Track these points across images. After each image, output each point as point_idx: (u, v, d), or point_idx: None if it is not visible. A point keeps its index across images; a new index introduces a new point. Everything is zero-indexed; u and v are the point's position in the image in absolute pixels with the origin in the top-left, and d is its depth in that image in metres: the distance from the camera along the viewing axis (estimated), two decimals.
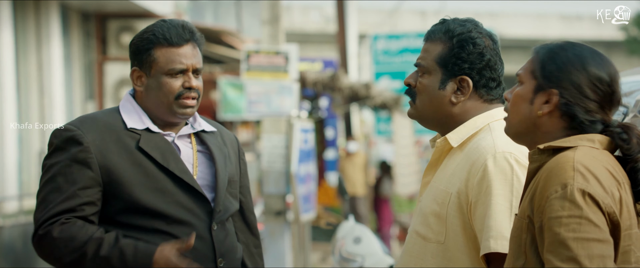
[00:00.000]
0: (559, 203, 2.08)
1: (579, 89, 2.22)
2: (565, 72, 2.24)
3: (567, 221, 2.06)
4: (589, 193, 2.09)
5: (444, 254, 2.53)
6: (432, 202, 2.58)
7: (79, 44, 13.52)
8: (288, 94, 8.72)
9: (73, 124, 2.79)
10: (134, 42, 2.88)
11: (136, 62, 2.88)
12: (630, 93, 3.04)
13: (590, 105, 2.22)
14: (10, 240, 9.45)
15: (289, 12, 28.28)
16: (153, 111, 2.87)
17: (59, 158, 2.74)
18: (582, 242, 2.05)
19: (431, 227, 2.56)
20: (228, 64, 16.00)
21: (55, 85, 12.43)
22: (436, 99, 2.64)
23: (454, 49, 2.62)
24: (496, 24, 27.92)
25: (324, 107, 17.50)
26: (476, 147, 2.55)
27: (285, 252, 8.72)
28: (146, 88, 2.87)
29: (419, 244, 2.59)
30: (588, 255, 2.04)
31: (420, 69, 2.67)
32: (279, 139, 8.77)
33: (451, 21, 2.68)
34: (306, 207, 8.92)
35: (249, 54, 8.74)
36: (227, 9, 20.02)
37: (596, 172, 2.13)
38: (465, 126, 2.62)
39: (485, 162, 2.49)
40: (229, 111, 12.57)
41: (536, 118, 2.26)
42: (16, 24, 11.75)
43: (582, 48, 2.29)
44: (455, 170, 2.56)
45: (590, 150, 2.19)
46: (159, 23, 2.89)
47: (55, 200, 2.71)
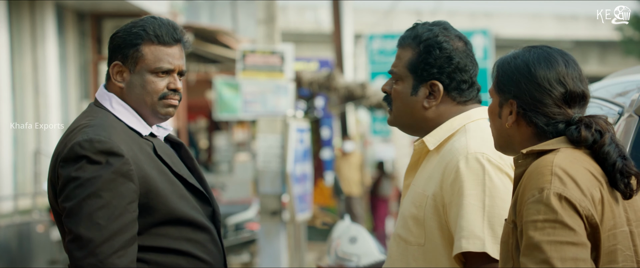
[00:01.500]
0: (535, 207, 2.10)
1: (531, 96, 2.26)
2: (516, 82, 2.28)
3: (542, 225, 2.08)
4: (565, 197, 2.10)
5: (425, 256, 2.56)
6: (410, 205, 2.61)
7: (74, 44, 13.51)
8: (284, 93, 8.71)
9: (99, 134, 2.60)
10: (120, 35, 2.75)
11: (119, 56, 2.74)
12: (626, 93, 3.05)
13: (547, 109, 2.25)
14: (5, 240, 9.44)
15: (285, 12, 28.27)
16: (137, 109, 2.75)
17: (99, 172, 2.54)
18: (556, 245, 2.06)
19: (411, 230, 2.58)
20: (223, 63, 15.99)
21: (50, 84, 12.41)
22: (410, 105, 2.68)
23: (422, 54, 2.65)
24: (491, 24, 27.93)
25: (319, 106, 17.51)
26: (450, 149, 2.57)
27: (281, 251, 8.72)
28: (128, 84, 2.74)
29: (401, 247, 2.61)
30: (561, 257, 2.05)
31: (394, 76, 2.71)
32: (274, 139, 8.77)
33: (420, 26, 2.70)
34: (302, 207, 8.92)
35: (244, 53, 8.74)
36: (223, 9, 20.01)
37: (575, 175, 2.14)
38: (442, 128, 2.65)
39: (458, 164, 2.51)
40: (224, 111, 12.56)
41: (507, 130, 2.32)
42: (11, 24, 11.74)
43: (533, 52, 2.31)
44: (432, 172, 2.59)
45: (572, 152, 2.21)
46: (148, 19, 2.77)
47: (105, 217, 2.53)
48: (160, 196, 2.64)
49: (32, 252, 9.78)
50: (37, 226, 9.89)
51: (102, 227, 2.52)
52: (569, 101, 2.26)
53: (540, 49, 2.32)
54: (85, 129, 2.62)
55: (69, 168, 2.56)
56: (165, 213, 2.65)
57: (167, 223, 2.66)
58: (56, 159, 2.63)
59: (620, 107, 2.96)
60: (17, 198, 10.67)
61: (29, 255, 9.73)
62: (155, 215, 2.64)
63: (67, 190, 2.55)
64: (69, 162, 2.56)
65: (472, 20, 31.51)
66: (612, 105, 3.05)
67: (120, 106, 2.74)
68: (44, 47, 12.34)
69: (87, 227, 2.51)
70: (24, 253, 9.67)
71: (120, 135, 2.63)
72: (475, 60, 2.70)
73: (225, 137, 20.86)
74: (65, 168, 2.57)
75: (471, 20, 31.72)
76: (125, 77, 2.75)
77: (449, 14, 32.46)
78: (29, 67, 12.21)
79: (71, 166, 2.56)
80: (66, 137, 2.66)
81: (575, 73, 2.28)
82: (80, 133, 2.61)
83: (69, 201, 2.54)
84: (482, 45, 15.56)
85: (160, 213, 2.64)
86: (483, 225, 2.43)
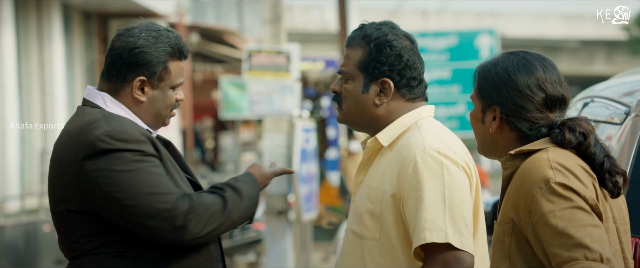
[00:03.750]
0: (547, 199, 2.13)
1: (513, 102, 2.31)
2: (497, 88, 2.34)
3: (561, 213, 2.11)
4: (571, 187, 2.14)
5: (380, 250, 2.61)
6: (365, 200, 2.66)
7: (81, 44, 13.53)
8: (289, 93, 8.72)
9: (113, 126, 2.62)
10: (147, 51, 2.73)
11: (146, 73, 2.73)
12: (632, 92, 3.05)
13: (529, 114, 2.30)
14: (12, 240, 9.47)
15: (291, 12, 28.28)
16: (147, 121, 2.78)
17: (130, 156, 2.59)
18: (582, 228, 2.09)
19: (366, 224, 2.64)
20: (229, 63, 16.01)
21: (56, 84, 12.44)
22: (361, 103, 2.73)
23: (373, 53, 2.72)
24: (498, 24, 27.89)
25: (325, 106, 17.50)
26: (406, 145, 2.63)
27: (287, 251, 8.72)
28: (150, 99, 2.76)
29: (355, 243, 2.67)
30: (591, 239, 2.08)
31: (344, 76, 2.76)
32: (280, 139, 8.77)
33: (368, 26, 2.77)
34: (308, 207, 8.92)
35: (250, 53, 8.75)
36: (229, 9, 20.03)
37: (572, 168, 2.19)
38: (394, 125, 2.71)
39: (415, 158, 2.57)
40: (230, 110, 12.57)
41: (491, 135, 2.37)
42: (18, 24, 11.76)
43: (512, 58, 2.36)
44: (387, 168, 2.65)
45: (561, 151, 2.25)
46: (165, 32, 2.78)
47: (168, 186, 2.59)
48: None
49: (39, 251, 9.80)
50: (43, 226, 9.91)
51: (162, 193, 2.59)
52: (550, 106, 2.31)
53: (518, 56, 2.36)
54: (96, 124, 2.64)
55: (100, 163, 2.59)
56: None
57: None
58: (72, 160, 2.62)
59: (626, 107, 2.95)
60: (24, 198, 10.70)
61: (35, 254, 9.75)
62: None
63: (109, 182, 2.58)
64: (96, 157, 2.59)
65: (478, 20, 31.47)
66: (619, 104, 3.05)
67: (115, 105, 2.75)
68: (51, 47, 12.37)
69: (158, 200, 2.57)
70: (31, 253, 9.70)
71: (131, 125, 2.68)
72: (421, 58, 2.78)
73: (231, 136, 20.87)
74: (95, 164, 2.59)
75: (477, 19, 31.67)
76: (147, 92, 2.76)
77: (455, 13, 32.44)
78: (36, 67, 12.23)
79: (101, 160, 2.59)
80: (72, 137, 2.66)
81: (553, 77, 2.33)
82: (93, 128, 2.63)
83: (117, 190, 2.58)
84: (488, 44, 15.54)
85: None
86: (445, 217, 2.48)
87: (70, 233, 2.69)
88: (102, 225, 2.65)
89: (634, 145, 2.75)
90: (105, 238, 2.66)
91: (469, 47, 14.92)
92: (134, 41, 2.75)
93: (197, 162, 18.69)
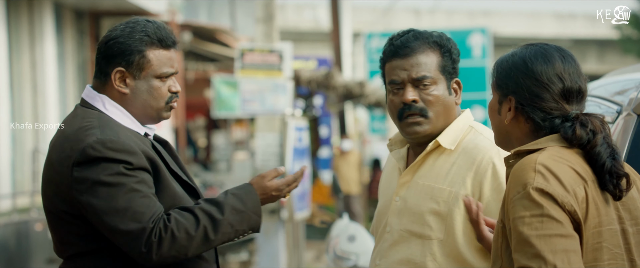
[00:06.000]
0: (521, 203, 2.12)
1: (529, 91, 2.28)
2: (514, 78, 2.31)
3: (529, 220, 2.10)
4: (547, 192, 2.12)
5: (443, 250, 2.63)
6: (428, 200, 2.66)
7: (73, 43, 13.50)
8: (282, 92, 8.71)
9: (107, 134, 2.61)
10: (121, 41, 2.71)
11: (123, 63, 2.70)
12: (624, 91, 3.05)
13: (544, 103, 2.27)
14: (4, 239, 9.44)
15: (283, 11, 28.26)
16: (138, 114, 2.75)
17: (119, 169, 2.57)
18: (545, 238, 2.08)
19: (429, 225, 2.65)
20: (222, 62, 16.00)
21: (48, 83, 12.41)
22: (449, 106, 2.76)
23: (452, 55, 2.76)
24: (490, 23, 27.92)
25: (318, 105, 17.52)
26: (474, 147, 2.67)
27: (279, 250, 8.72)
28: (133, 91, 2.72)
29: (414, 243, 2.67)
30: (551, 250, 2.07)
31: (428, 81, 2.72)
32: (273, 137, 8.77)
33: (423, 32, 2.79)
34: (300, 206, 8.92)
35: (243, 52, 8.74)
36: (221, 7, 20.00)
37: (557, 172, 2.15)
38: (452, 128, 2.73)
39: (492, 160, 2.62)
40: (222, 109, 12.55)
41: (506, 126, 2.35)
42: (9, 23, 11.73)
43: (530, 49, 2.34)
44: (453, 170, 2.66)
45: (559, 150, 2.22)
46: (143, 22, 2.75)
47: (146, 205, 2.57)
48: (168, 189, 2.68)
49: (30, 250, 9.78)
50: (35, 224, 9.88)
51: (146, 215, 2.56)
52: (567, 96, 2.27)
53: (537, 46, 2.34)
54: (90, 131, 2.62)
55: (88, 171, 2.57)
56: (170, 207, 2.66)
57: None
58: (62, 162, 2.61)
59: (618, 106, 2.96)
60: (16, 197, 10.66)
61: (27, 253, 9.73)
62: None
63: (95, 192, 2.57)
64: (85, 165, 2.58)
65: (470, 19, 31.50)
66: (611, 103, 3.06)
67: (113, 107, 2.73)
68: (42, 45, 12.34)
69: (129, 220, 2.55)
70: (22, 252, 9.67)
71: (125, 133, 2.65)
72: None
73: (223, 135, 20.85)
74: (83, 171, 2.58)
75: (470, 18, 31.71)
76: (129, 83, 2.73)
77: (447, 12, 32.45)
78: (27, 66, 12.20)
79: (89, 168, 2.58)
80: (67, 139, 2.64)
81: (572, 69, 2.30)
82: (87, 135, 2.61)
83: (100, 201, 2.56)
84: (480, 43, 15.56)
85: (165, 207, 2.66)
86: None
87: (64, 233, 2.68)
88: (94, 227, 2.64)
89: (625, 144, 2.75)
90: (98, 238, 2.65)
91: (462, 46, 14.94)
92: (110, 34, 2.75)
93: (190, 161, 18.67)
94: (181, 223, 2.59)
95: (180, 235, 2.57)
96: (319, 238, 13.49)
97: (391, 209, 2.78)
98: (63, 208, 2.64)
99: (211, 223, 2.62)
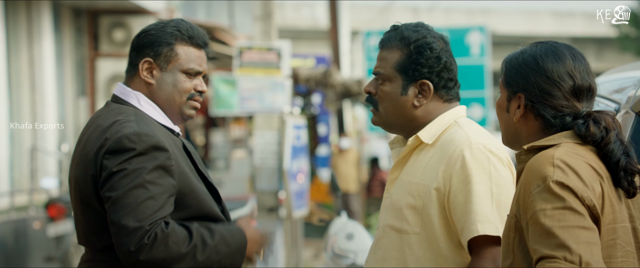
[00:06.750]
0: (541, 197, 2.11)
1: (539, 88, 2.28)
2: (524, 75, 2.30)
3: (552, 212, 2.09)
4: (568, 185, 2.11)
5: (421, 244, 2.64)
6: (406, 195, 2.68)
7: (71, 41, 13.49)
8: (280, 90, 8.71)
9: (144, 128, 2.64)
10: (152, 33, 2.78)
11: (151, 54, 2.76)
12: (622, 89, 3.05)
13: (555, 101, 2.27)
14: (2, 237, 9.44)
15: (282, 9, 28.24)
16: (162, 107, 2.79)
17: (144, 164, 2.59)
18: (568, 229, 2.07)
19: (407, 219, 2.66)
20: (220, 60, 15.99)
21: (46, 81, 12.40)
22: (399, 105, 2.75)
23: (412, 55, 2.73)
24: (488, 21, 27.92)
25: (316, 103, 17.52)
26: (450, 140, 2.67)
27: (277, 248, 8.72)
28: (159, 82, 2.77)
29: (393, 237, 2.69)
30: (575, 241, 2.06)
31: (380, 77, 2.77)
32: (271, 136, 8.77)
33: (404, 28, 2.78)
34: (299, 204, 8.92)
35: (241, 50, 8.73)
36: (220, 6, 19.99)
37: (576, 167, 2.15)
38: (435, 123, 2.74)
39: (462, 153, 2.61)
40: (221, 107, 12.55)
41: (515, 124, 2.34)
42: (7, 21, 11.72)
43: (541, 46, 2.33)
44: (429, 163, 2.68)
45: (573, 147, 2.22)
46: (178, 21, 2.82)
47: (152, 207, 2.57)
48: (195, 193, 2.70)
49: (28, 248, 9.77)
50: (33, 223, 9.88)
51: (147, 216, 2.56)
52: (578, 94, 2.27)
53: (547, 44, 2.34)
54: (127, 123, 2.66)
55: (116, 160, 2.60)
56: (197, 209, 2.70)
57: (196, 219, 2.70)
58: (98, 152, 2.63)
59: (616, 104, 2.96)
60: (14, 195, 10.66)
61: (25, 252, 9.73)
62: (187, 211, 2.69)
63: (112, 181, 2.59)
64: (117, 154, 2.60)
65: (469, 17, 31.52)
66: (609, 101, 3.06)
67: (148, 104, 2.77)
68: (41, 44, 12.33)
69: (130, 217, 2.55)
70: (20, 250, 9.67)
71: (160, 131, 2.69)
72: (455, 60, 2.82)
73: (222, 133, 20.84)
74: (111, 159, 2.60)
75: (468, 16, 31.72)
76: (156, 75, 2.78)
77: (445, 10, 32.47)
78: (25, 64, 12.19)
79: (118, 158, 2.60)
80: (103, 131, 2.66)
81: (582, 67, 2.30)
82: (124, 126, 2.65)
83: (113, 191, 2.58)
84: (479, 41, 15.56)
85: (192, 209, 2.69)
86: (492, 211, 2.53)
87: (99, 224, 2.67)
88: None
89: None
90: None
91: (460, 44, 14.95)
92: (143, 28, 2.82)
93: None
94: (177, 234, 2.60)
95: (172, 246, 2.58)
96: (317, 236, 13.49)
97: (381, 206, 2.84)
98: (98, 198, 2.65)
99: (202, 244, 2.64)
